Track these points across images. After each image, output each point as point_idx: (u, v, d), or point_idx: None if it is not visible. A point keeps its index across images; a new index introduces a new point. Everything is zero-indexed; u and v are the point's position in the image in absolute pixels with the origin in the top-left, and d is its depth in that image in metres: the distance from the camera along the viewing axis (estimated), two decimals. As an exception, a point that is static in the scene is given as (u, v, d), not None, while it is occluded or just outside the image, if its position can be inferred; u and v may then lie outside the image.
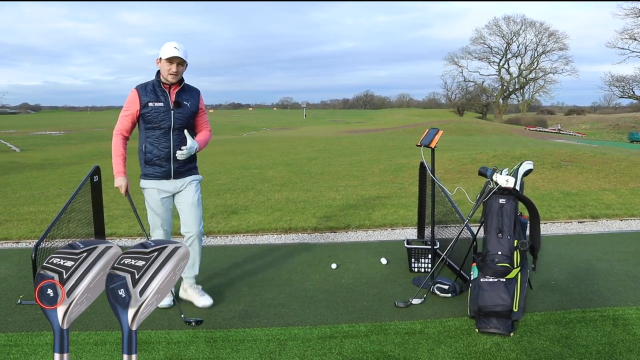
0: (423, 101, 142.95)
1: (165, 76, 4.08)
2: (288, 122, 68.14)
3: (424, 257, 5.20)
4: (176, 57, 4.00)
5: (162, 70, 4.09)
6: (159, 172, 4.18)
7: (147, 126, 4.11)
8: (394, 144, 22.18)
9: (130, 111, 4.14)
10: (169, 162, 4.17)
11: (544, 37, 76.43)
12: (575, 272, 5.15)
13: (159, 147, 4.13)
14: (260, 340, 3.74)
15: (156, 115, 4.07)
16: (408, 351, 3.57)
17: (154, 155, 4.14)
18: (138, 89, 4.12)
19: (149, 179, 4.21)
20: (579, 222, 7.67)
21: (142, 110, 4.09)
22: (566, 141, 32.27)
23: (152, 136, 4.12)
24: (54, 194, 11.42)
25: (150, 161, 4.15)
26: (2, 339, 3.79)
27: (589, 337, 3.73)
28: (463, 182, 10.81)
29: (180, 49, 4.02)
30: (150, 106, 4.06)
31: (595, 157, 13.23)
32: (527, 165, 4.27)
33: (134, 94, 4.11)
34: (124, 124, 4.17)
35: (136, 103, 4.10)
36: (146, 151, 4.14)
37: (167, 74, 4.05)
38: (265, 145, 25.43)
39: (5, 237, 7.14)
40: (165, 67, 4.04)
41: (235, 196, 10.22)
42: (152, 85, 4.12)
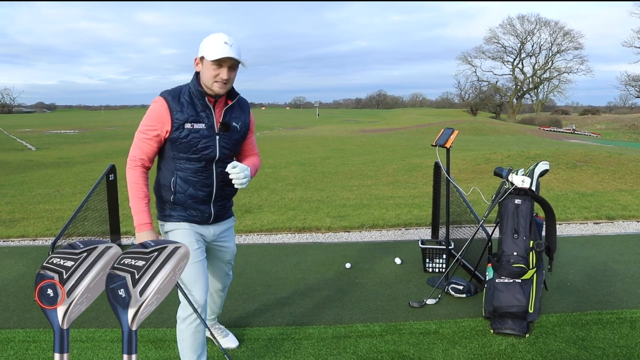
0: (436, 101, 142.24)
1: (209, 85, 2.79)
2: (301, 121, 68.14)
3: (438, 257, 5.18)
4: (228, 59, 2.72)
5: (204, 76, 2.79)
6: (196, 215, 2.99)
7: (180, 155, 2.85)
8: (408, 144, 22.13)
9: (156, 132, 2.80)
10: (209, 206, 2.99)
11: (558, 36, 75.63)
12: (591, 274, 5.11)
13: (197, 186, 2.91)
14: (275, 339, 3.76)
15: (195, 142, 2.82)
16: (423, 351, 3.56)
17: (189, 197, 2.91)
18: (168, 100, 2.78)
19: (179, 220, 2.98)
20: (594, 223, 7.60)
21: (175, 133, 2.79)
22: (581, 141, 31.98)
23: (185, 170, 2.87)
24: (69, 192, 11.52)
25: (181, 203, 2.93)
26: (21, 334, 3.84)
27: (605, 339, 3.70)
28: (477, 182, 10.76)
29: (234, 45, 2.74)
30: (188, 128, 2.79)
31: (611, 157, 13.09)
32: (543, 166, 4.24)
33: (163, 108, 2.77)
34: (144, 149, 2.84)
35: (166, 122, 2.78)
36: (176, 190, 2.90)
37: (213, 81, 2.76)
38: (279, 145, 25.46)
39: (22, 234, 7.22)
40: (210, 72, 2.75)
41: (249, 195, 10.25)
42: (189, 96, 2.82)
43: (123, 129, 44.71)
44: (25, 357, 3.51)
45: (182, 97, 2.81)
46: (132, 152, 2.87)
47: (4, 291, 4.78)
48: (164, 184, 2.93)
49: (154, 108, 2.80)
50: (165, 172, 2.92)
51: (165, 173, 2.92)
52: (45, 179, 14.16)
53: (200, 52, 2.78)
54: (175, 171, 2.88)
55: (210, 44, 2.73)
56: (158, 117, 2.78)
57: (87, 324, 4.00)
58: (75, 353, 3.56)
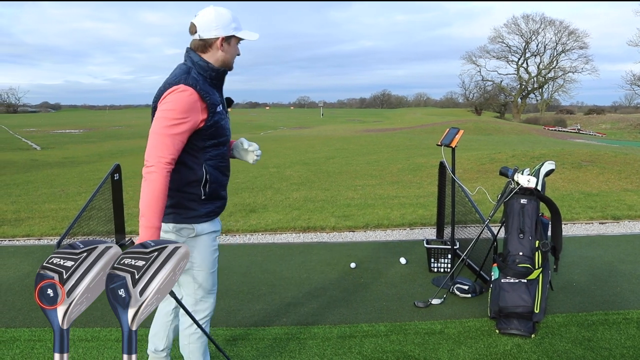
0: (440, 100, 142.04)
1: (230, 63, 2.73)
2: (305, 121, 68.17)
3: (443, 257, 5.17)
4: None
5: (228, 55, 2.69)
6: (219, 205, 2.82)
7: (210, 143, 2.66)
8: (412, 144, 22.10)
9: (190, 124, 2.52)
10: (226, 190, 2.87)
11: (563, 35, 75.44)
12: (597, 274, 5.09)
13: (224, 171, 2.79)
14: (279, 339, 3.75)
15: (224, 125, 2.72)
16: (428, 351, 3.55)
17: (219, 185, 2.76)
18: (196, 86, 2.54)
19: (207, 221, 2.75)
20: (600, 223, 7.57)
21: (211, 119, 2.60)
22: (586, 141, 31.86)
23: (215, 157, 2.70)
24: (74, 191, 11.55)
25: (212, 194, 2.72)
26: (26, 334, 3.85)
27: (612, 339, 3.68)
28: (482, 182, 10.73)
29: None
30: (219, 112, 2.65)
31: (616, 157, 13.04)
32: (548, 166, 4.22)
33: (194, 96, 2.52)
34: (177, 146, 2.50)
35: (201, 110, 2.55)
36: (210, 180, 2.69)
37: (233, 60, 2.75)
38: (283, 144, 25.46)
39: (27, 233, 7.24)
40: (235, 50, 2.72)
41: (253, 195, 10.25)
42: (204, 78, 2.64)
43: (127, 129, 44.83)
44: (31, 356, 3.52)
45: (200, 81, 2.58)
46: (158, 153, 2.45)
47: (10, 290, 4.80)
48: (193, 180, 2.64)
49: (183, 98, 2.48)
50: (194, 166, 2.63)
51: (193, 168, 2.63)
52: (50, 179, 14.19)
53: (224, 31, 2.60)
54: (205, 161, 2.65)
55: (235, 23, 2.64)
56: (191, 106, 2.50)
57: (92, 323, 4.00)
58: (81, 352, 3.56)
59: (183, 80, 2.52)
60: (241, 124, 63.47)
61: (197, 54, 2.64)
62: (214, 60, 2.65)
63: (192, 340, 2.86)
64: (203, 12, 2.61)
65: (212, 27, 2.58)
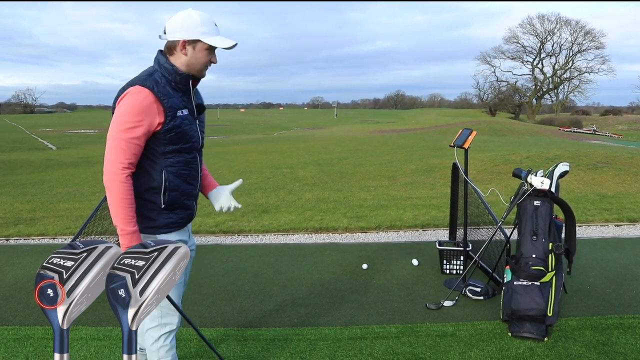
0: (455, 101, 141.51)
1: (198, 70, 2.60)
2: (318, 121, 68.20)
3: (455, 259, 5.14)
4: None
5: (195, 60, 2.56)
6: (183, 217, 2.72)
7: (171, 148, 2.55)
8: (426, 144, 22.02)
9: (144, 127, 2.44)
10: (194, 201, 2.78)
11: (579, 35, 74.85)
12: (612, 277, 5.03)
13: (188, 180, 2.68)
14: (290, 340, 3.75)
15: (187, 130, 2.59)
16: (439, 354, 3.53)
17: (181, 194, 2.64)
18: (153, 87, 2.46)
19: (170, 231, 2.66)
20: (615, 226, 7.48)
21: (169, 123, 2.50)
22: (602, 142, 31.55)
23: (176, 164, 2.60)
24: (88, 191, 11.65)
25: (172, 203, 2.62)
26: (40, 332, 3.88)
27: (627, 344, 3.63)
28: (495, 184, 10.66)
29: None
30: (180, 116, 2.53)
31: (633, 158, 12.89)
32: (563, 167, 4.18)
33: (150, 98, 2.44)
34: (133, 150, 2.45)
35: (157, 112, 2.46)
36: (170, 188, 2.58)
37: (202, 67, 2.60)
38: (296, 145, 25.49)
39: (42, 232, 7.31)
40: (205, 58, 2.57)
41: (266, 195, 10.27)
42: (167, 81, 2.54)
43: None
44: (44, 354, 3.55)
45: (161, 83, 2.49)
46: (115, 158, 2.41)
47: (24, 289, 4.84)
48: (152, 187, 2.55)
49: (137, 100, 2.42)
50: (153, 172, 2.55)
51: (152, 174, 2.55)
52: (65, 178, 14.33)
53: (188, 34, 2.50)
54: (165, 167, 2.56)
55: (204, 27, 2.51)
56: (146, 109, 2.42)
57: (105, 322, 4.03)
58: (93, 351, 3.59)
59: (140, 82, 2.46)
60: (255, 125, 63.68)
61: (164, 56, 2.58)
62: (179, 64, 2.56)
63: (161, 354, 2.76)
64: (177, 14, 2.55)
65: (177, 29, 2.51)
